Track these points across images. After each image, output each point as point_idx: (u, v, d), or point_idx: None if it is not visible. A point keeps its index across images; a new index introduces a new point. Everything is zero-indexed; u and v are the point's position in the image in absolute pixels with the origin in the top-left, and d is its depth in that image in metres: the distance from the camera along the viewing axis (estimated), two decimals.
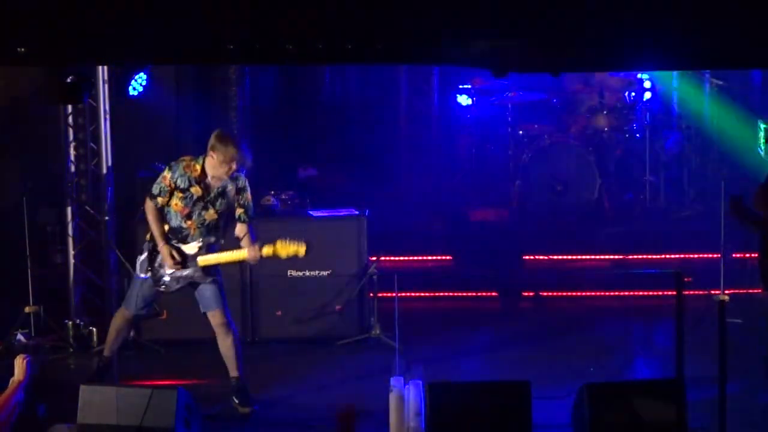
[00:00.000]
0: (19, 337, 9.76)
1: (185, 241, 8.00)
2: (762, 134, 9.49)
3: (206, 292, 8.07)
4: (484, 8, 6.13)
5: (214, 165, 7.90)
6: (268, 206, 10.00)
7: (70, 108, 9.93)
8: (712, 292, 9.50)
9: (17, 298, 9.83)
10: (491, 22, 6.13)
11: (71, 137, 10.03)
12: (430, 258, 11.36)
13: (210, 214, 7.99)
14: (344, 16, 6.20)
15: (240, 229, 8.07)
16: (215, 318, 8.09)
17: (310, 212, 9.96)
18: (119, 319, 8.31)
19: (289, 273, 9.70)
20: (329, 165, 12.31)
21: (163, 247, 7.95)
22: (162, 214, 8.01)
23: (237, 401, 8.07)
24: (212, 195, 7.97)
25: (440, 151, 12.80)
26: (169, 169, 7.97)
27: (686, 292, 6.76)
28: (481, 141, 12.52)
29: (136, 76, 10.29)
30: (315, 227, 9.78)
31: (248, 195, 8.07)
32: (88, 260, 10.18)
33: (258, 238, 8.05)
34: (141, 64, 9.82)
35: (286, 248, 7.89)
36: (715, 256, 9.96)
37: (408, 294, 10.11)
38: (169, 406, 7.10)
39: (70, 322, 9.84)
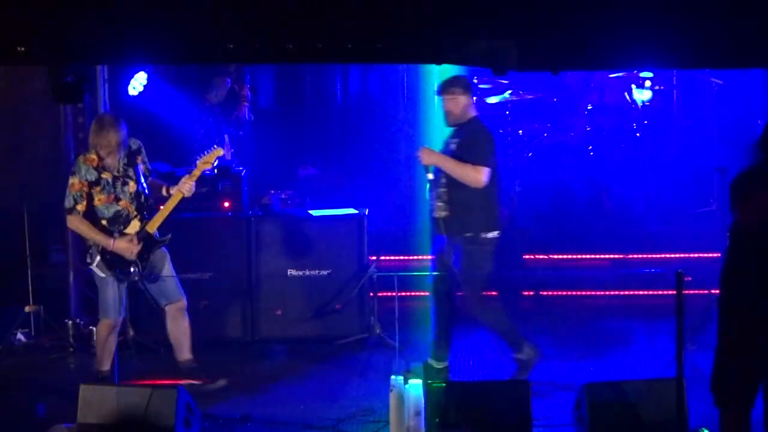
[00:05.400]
0: (19, 336, 9.77)
1: (128, 223, 8.00)
2: (762, 134, 9.45)
3: (170, 283, 8.16)
4: (483, 7, 6.13)
5: (105, 152, 7.95)
6: (268, 206, 10.00)
7: (70, 108, 9.93)
8: (713, 291, 9.47)
9: (17, 298, 9.83)
10: (490, 21, 6.13)
11: (71, 137, 10.02)
12: (429, 258, 11.31)
13: (132, 185, 8.04)
14: (344, 16, 6.20)
15: (154, 185, 8.21)
16: (179, 304, 8.21)
17: (310, 212, 9.96)
18: (104, 331, 8.25)
19: (289, 273, 9.71)
20: (329, 165, 12.31)
21: (115, 244, 7.96)
22: (92, 217, 8.00)
23: (201, 381, 8.09)
24: (121, 168, 8.02)
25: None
26: (73, 174, 7.99)
27: (686, 292, 6.73)
28: None
29: (136, 76, 10.30)
30: (315, 227, 9.79)
31: (143, 153, 8.17)
32: None
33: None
34: (141, 64, 9.82)
35: (208, 159, 8.11)
36: (715, 256, 9.96)
37: (408, 293, 10.10)
38: (169, 406, 7.10)
39: (70, 322, 9.84)
